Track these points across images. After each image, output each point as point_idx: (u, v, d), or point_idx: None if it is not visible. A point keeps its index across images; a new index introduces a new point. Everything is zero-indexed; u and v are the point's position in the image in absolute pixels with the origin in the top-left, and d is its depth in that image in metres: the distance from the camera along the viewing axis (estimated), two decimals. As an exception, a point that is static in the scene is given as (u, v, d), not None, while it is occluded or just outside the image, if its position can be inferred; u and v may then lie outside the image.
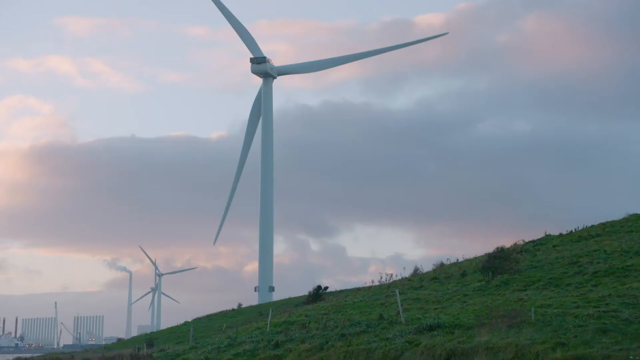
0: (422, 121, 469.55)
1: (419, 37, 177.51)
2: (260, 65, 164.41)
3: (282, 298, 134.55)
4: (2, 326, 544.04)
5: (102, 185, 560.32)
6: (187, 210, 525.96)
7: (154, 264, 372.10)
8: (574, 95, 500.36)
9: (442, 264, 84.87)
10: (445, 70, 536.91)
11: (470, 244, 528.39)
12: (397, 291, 52.97)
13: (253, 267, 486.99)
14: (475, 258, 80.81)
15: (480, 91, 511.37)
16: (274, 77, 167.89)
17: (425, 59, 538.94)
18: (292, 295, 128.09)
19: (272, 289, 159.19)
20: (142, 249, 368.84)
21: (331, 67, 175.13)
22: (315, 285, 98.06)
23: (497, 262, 64.39)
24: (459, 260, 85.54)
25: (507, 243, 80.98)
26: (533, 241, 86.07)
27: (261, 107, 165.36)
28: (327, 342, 44.51)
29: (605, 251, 68.30)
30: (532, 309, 42.72)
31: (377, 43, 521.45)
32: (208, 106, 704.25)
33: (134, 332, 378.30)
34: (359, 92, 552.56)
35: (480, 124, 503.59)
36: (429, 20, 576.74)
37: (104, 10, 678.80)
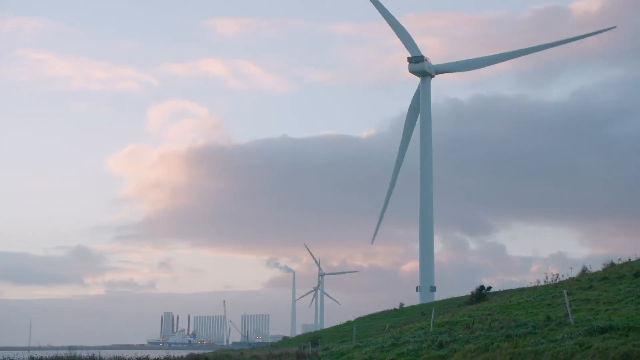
0: (579, 113, 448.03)
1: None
2: (418, 64, 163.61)
3: (442, 298, 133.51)
4: (175, 323, 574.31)
5: (257, 186, 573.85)
6: (340, 210, 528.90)
7: (318, 263, 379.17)
8: None
9: (612, 264, 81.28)
10: (604, 59, 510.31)
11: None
12: (564, 292, 51.30)
13: (410, 266, 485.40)
14: (650, 257, 76.81)
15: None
16: (432, 76, 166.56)
17: (582, 48, 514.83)
18: (453, 295, 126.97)
19: (433, 288, 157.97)
20: (307, 248, 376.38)
21: (489, 64, 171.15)
22: (475, 285, 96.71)
23: (674, 262, 60.97)
24: (631, 260, 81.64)
25: (685, 242, 76.28)
26: None
27: (419, 106, 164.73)
28: (493, 343, 43.85)
29: None
30: None
31: (530, 34, 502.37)
32: (356, 104, 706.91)
33: (299, 331, 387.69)
34: (511, 84, 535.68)
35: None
36: (585, 6, 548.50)
37: (251, 11, 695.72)
